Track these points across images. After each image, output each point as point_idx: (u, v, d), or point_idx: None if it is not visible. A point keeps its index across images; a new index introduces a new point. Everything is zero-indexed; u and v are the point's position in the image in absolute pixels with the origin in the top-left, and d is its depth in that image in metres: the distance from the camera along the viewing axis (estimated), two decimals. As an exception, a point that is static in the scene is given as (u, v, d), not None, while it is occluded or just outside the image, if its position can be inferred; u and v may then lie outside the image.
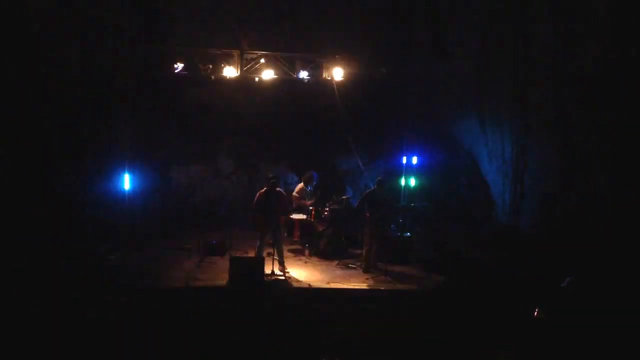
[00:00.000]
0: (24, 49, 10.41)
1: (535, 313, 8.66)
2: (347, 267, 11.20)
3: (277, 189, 10.85)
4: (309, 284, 10.02)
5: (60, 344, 8.32)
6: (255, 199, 10.79)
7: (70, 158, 11.41)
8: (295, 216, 12.21)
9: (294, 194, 12.42)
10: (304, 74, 13.61)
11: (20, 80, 10.32)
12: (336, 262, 11.42)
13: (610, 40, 10.21)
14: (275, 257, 10.51)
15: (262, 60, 13.44)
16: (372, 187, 11.63)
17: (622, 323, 8.35)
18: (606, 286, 9.15)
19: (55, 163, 10.88)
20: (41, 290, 9.08)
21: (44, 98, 10.84)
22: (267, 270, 10.29)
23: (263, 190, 10.81)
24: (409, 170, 14.20)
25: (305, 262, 11.46)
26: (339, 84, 13.68)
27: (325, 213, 12.00)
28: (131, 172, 11.87)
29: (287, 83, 13.97)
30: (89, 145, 11.73)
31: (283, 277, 10.36)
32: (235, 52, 13.33)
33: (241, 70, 13.28)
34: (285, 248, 11.36)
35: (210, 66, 13.21)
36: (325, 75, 13.71)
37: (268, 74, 13.40)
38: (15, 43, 10.26)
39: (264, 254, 10.64)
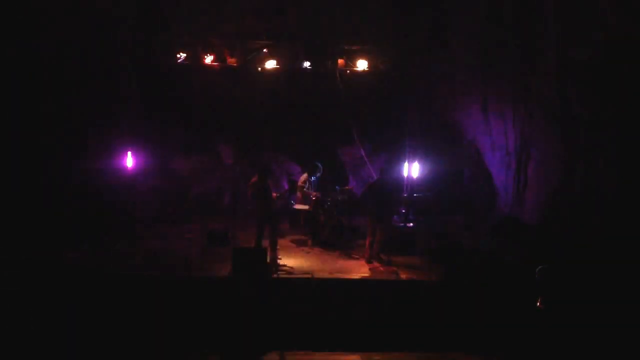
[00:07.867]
0: (24, 38, 10.36)
1: (538, 303, 8.69)
2: (349, 257, 11.20)
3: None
4: (312, 275, 10.02)
5: (62, 334, 8.39)
6: (249, 187, 10.71)
7: (72, 147, 11.40)
8: (298, 206, 12.19)
9: (299, 184, 12.40)
10: (307, 64, 13.56)
11: (20, 69, 10.29)
12: (339, 252, 11.42)
13: (613, 29, 10.14)
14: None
15: (265, 50, 13.39)
16: (376, 178, 11.60)
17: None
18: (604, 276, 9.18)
19: (59, 153, 10.88)
20: (44, 279, 9.11)
21: (45, 87, 10.81)
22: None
23: (254, 179, 10.68)
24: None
25: (308, 253, 11.46)
26: (342, 73, 13.63)
27: (328, 203, 11.99)
28: (133, 161, 11.86)
29: (290, 73, 13.93)
30: (90, 135, 11.72)
31: (286, 267, 10.38)
32: (238, 42, 13.28)
33: (244, 59, 13.22)
34: (288, 238, 11.23)
35: (213, 55, 13.16)
36: (328, 65, 13.66)
37: (271, 64, 13.34)
38: (16, 31, 10.21)
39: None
